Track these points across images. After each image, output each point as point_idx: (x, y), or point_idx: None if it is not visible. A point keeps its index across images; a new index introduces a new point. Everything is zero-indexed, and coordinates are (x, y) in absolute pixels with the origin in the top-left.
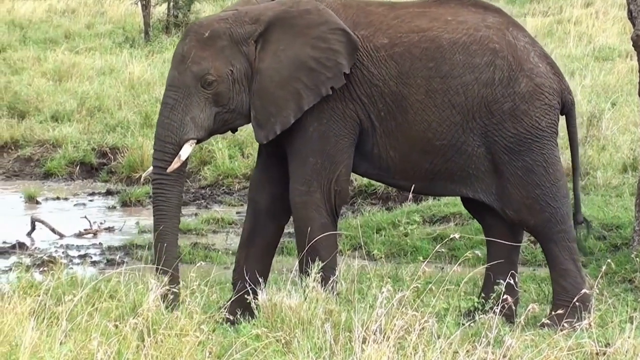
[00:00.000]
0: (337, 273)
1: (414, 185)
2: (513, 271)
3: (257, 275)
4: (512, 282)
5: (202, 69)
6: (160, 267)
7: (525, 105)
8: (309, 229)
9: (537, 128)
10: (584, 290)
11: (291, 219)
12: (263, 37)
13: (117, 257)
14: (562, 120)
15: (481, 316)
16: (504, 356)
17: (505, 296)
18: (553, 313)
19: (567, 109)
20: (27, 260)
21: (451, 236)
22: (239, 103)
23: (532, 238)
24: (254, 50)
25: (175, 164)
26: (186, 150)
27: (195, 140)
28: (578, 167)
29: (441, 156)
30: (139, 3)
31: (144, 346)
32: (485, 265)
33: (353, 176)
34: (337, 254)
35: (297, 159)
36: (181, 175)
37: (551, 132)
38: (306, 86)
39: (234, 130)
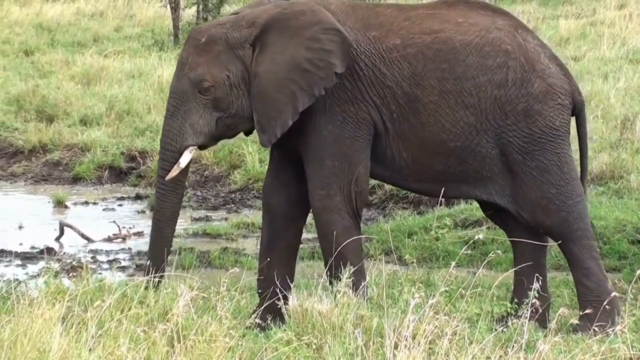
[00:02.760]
0: (365, 275)
1: (426, 187)
2: (539, 274)
3: (280, 277)
4: (537, 286)
5: (198, 75)
6: (149, 269)
7: (539, 105)
8: (333, 233)
9: (551, 128)
10: (613, 293)
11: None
12: (260, 40)
13: (147, 262)
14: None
15: (513, 321)
16: None
17: (533, 300)
18: (582, 314)
19: (577, 109)
20: (56, 266)
21: (476, 237)
22: (239, 107)
23: None
24: (251, 53)
25: (173, 172)
26: (185, 158)
27: (195, 147)
28: (586, 168)
29: (455, 158)
30: (168, 6)
31: (174, 352)
32: (513, 270)
33: None
34: (363, 256)
35: (314, 163)
36: (178, 185)
37: (564, 132)
38: (301, 87)
39: (246, 133)
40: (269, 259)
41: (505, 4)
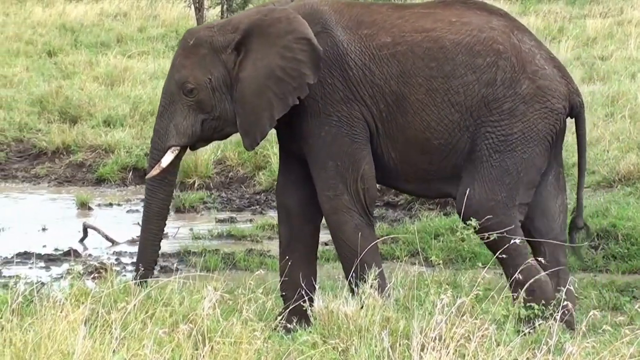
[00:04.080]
0: (383, 273)
1: (415, 188)
2: (561, 273)
3: (305, 280)
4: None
5: (182, 77)
6: (137, 265)
7: (524, 106)
8: (344, 233)
9: (531, 130)
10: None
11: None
12: (244, 45)
13: (171, 264)
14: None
15: (541, 323)
16: None
17: (565, 303)
18: None
19: (575, 111)
20: (80, 268)
21: (512, 241)
22: (223, 111)
23: (593, 243)
24: (234, 58)
25: (154, 171)
26: (167, 158)
27: (178, 147)
28: (584, 170)
29: (438, 155)
30: (192, 6)
31: (199, 354)
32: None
33: None
34: (379, 252)
35: (318, 165)
36: (166, 182)
37: (544, 137)
38: (276, 95)
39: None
40: (289, 261)
41: (531, 3)
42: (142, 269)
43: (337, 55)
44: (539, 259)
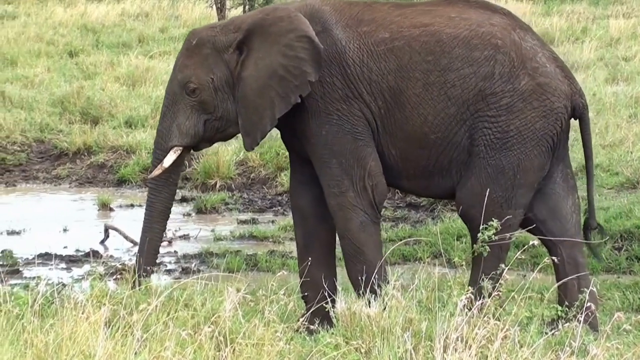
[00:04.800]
0: (386, 271)
1: (415, 185)
2: (581, 272)
3: (327, 281)
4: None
5: (184, 77)
6: (138, 264)
7: (522, 103)
8: (350, 230)
9: (529, 129)
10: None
11: None
12: (246, 45)
13: (193, 265)
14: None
15: (564, 324)
16: None
17: (588, 304)
18: None
19: (578, 112)
20: (101, 269)
21: (531, 242)
22: (225, 111)
23: (616, 245)
24: (236, 58)
25: (156, 171)
26: (169, 158)
27: (181, 148)
28: (592, 171)
29: (435, 150)
30: (214, 6)
31: (221, 356)
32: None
33: None
34: (382, 250)
35: (322, 163)
36: (169, 182)
37: (541, 137)
38: (278, 94)
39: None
40: (308, 262)
41: (554, 4)
42: (143, 268)
43: (335, 54)
44: (556, 259)
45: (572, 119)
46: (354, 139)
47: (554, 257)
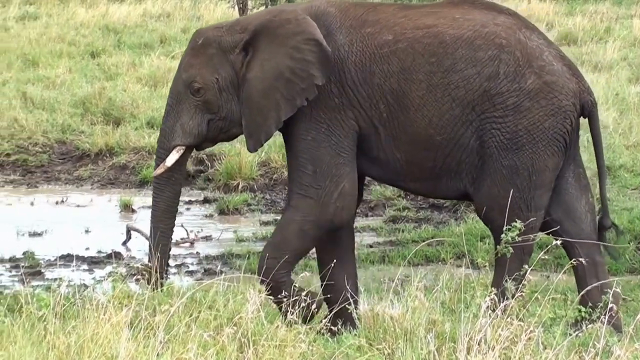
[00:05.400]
0: (290, 283)
1: (422, 187)
2: (598, 272)
3: (349, 282)
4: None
5: (189, 76)
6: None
7: (529, 102)
8: (287, 229)
9: (537, 128)
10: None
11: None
12: (252, 46)
13: (215, 266)
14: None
15: (588, 325)
16: None
17: (611, 305)
18: None
19: (587, 110)
20: (123, 270)
21: (554, 243)
22: (229, 111)
23: None
24: (242, 58)
25: (159, 170)
26: (172, 157)
27: (183, 147)
28: (603, 170)
29: (441, 151)
30: (236, 7)
31: (244, 357)
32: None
33: None
34: (295, 266)
35: (297, 165)
36: (172, 180)
37: (552, 136)
38: (283, 96)
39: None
40: (328, 264)
41: (577, 3)
42: (155, 269)
43: (337, 60)
44: (580, 260)
45: (582, 117)
46: (337, 154)
47: (578, 259)
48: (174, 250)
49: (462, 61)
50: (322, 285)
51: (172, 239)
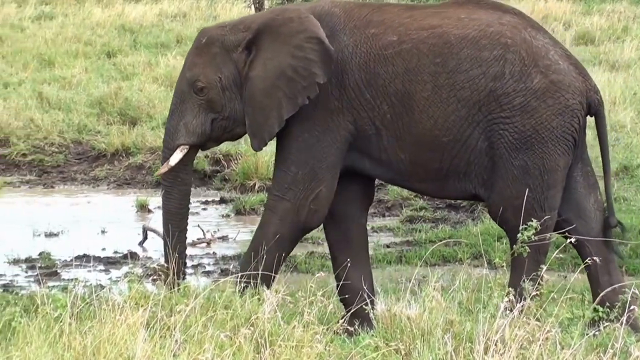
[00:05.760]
0: (269, 285)
1: (428, 187)
2: (610, 270)
3: (365, 282)
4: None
5: (193, 75)
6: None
7: (536, 101)
8: (265, 233)
9: (545, 127)
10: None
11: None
12: (255, 44)
13: (232, 266)
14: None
15: (606, 325)
16: None
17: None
18: None
19: (594, 109)
20: (139, 270)
21: (568, 241)
22: (232, 110)
23: None
24: (244, 57)
25: (163, 169)
26: (175, 156)
27: (187, 146)
28: (609, 168)
29: (448, 153)
30: (252, 6)
31: (260, 358)
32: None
33: None
34: (279, 269)
35: (281, 165)
36: (178, 181)
37: (561, 135)
38: (286, 95)
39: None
40: (342, 264)
41: (595, 3)
42: (170, 271)
43: (340, 61)
44: (595, 259)
45: (588, 115)
46: (323, 158)
47: (592, 258)
48: (191, 251)
49: (467, 61)
50: (337, 285)
51: (186, 239)
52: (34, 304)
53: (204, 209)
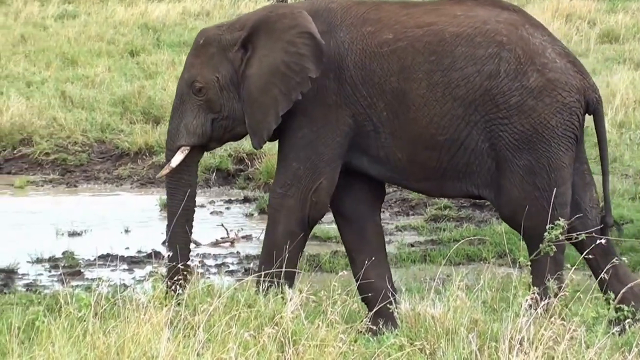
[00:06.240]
0: (292, 283)
1: (426, 187)
2: (618, 267)
3: (384, 280)
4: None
5: (191, 76)
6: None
7: (533, 100)
8: (275, 233)
9: (544, 126)
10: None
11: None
12: (250, 42)
13: (255, 265)
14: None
15: (632, 324)
16: None
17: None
18: None
19: (592, 107)
20: (163, 270)
21: (597, 242)
22: (231, 110)
23: None
24: (240, 56)
25: (164, 171)
26: (177, 158)
27: (188, 147)
28: (607, 167)
29: (445, 152)
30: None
31: (284, 357)
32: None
33: None
34: (297, 265)
35: (282, 161)
36: (181, 183)
37: (562, 133)
38: (281, 91)
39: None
40: (360, 264)
41: (620, 1)
42: (174, 271)
43: (337, 56)
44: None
45: (587, 114)
46: (323, 152)
47: (615, 258)
48: (215, 250)
49: (461, 59)
50: (357, 285)
51: (190, 242)
52: (57, 304)
53: (228, 208)
